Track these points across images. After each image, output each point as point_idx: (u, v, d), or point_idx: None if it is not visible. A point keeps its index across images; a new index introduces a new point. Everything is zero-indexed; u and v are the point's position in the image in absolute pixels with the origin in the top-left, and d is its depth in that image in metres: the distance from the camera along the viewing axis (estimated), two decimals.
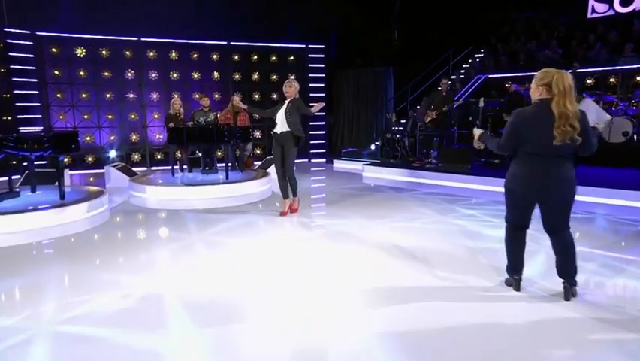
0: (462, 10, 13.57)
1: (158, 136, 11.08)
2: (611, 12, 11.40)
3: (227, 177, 7.43)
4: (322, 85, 11.97)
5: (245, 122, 8.26)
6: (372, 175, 8.90)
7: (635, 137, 7.73)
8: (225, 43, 11.40)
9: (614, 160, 7.67)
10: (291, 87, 5.22)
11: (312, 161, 11.66)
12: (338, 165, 10.63)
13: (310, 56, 11.88)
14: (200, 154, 8.09)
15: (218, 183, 7.10)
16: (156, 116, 11.05)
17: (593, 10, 11.75)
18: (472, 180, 7.40)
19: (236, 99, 8.08)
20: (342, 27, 12.25)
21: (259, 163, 9.50)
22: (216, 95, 11.42)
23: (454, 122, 8.86)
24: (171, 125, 7.62)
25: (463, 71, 13.12)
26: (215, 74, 11.38)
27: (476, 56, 14.02)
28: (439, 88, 8.78)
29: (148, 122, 10.97)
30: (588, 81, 9.77)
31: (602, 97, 8.42)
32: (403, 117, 12.35)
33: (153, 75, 10.90)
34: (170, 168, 8.06)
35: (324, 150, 11.99)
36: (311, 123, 11.80)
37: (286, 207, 5.56)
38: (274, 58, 11.76)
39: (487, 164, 8.27)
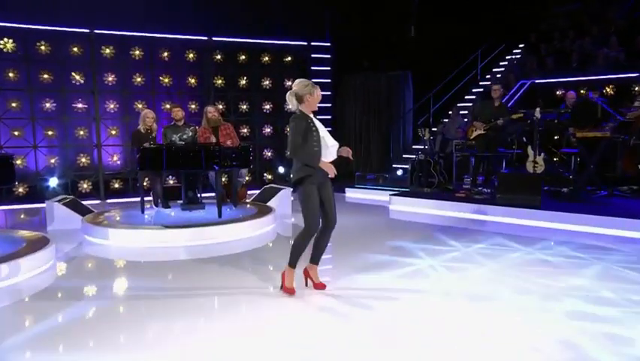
0: (490, 2, 13.12)
1: (114, 158, 10.04)
2: None
3: (219, 215, 6.47)
4: (329, 93, 11.23)
5: (233, 139, 7.37)
6: (403, 208, 8.14)
7: None
8: (205, 38, 10.59)
9: None
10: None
11: None
12: (352, 194, 9.84)
13: (313, 56, 11.17)
14: (172, 182, 7.13)
15: (209, 225, 6.12)
16: (113, 132, 10.03)
17: None
18: (541, 216, 6.67)
19: (211, 110, 7.25)
20: (346, 22, 11.55)
21: (254, 193, 8.55)
22: (192, 106, 10.55)
23: (513, 140, 8.14)
24: (147, 144, 6.66)
25: (499, 76, 12.56)
26: (192, 79, 10.50)
27: (507, 57, 13.58)
28: (492, 97, 8.05)
29: (102, 140, 9.92)
30: None
31: None
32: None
33: (110, 79, 9.94)
34: (139, 200, 7.06)
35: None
36: None
37: (314, 278, 4.23)
38: (267, 58, 11.06)
39: (556, 193, 7.53)
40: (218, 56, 10.74)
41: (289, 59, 11.17)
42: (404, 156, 11.65)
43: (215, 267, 4.99)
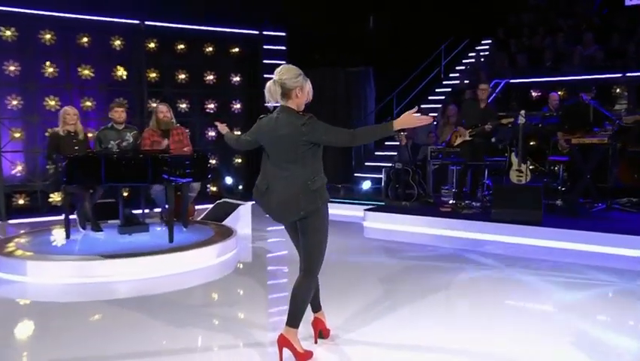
0: None
1: (18, 168, 8.97)
2: None
3: (171, 239, 5.78)
4: None
5: (186, 146, 6.75)
6: (379, 226, 7.81)
7: None
8: (137, 22, 9.75)
9: None
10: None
11: None
12: None
13: (266, 47, 10.62)
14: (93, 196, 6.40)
15: (159, 252, 5.42)
16: (17, 135, 8.96)
17: None
18: (542, 234, 6.52)
19: (162, 109, 6.63)
20: (303, 9, 11.12)
21: (202, 209, 7.87)
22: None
23: (504, 147, 8.00)
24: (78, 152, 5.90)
25: (467, 74, 12.60)
26: (119, 71, 9.61)
27: (470, 54, 13.71)
28: (477, 97, 7.87)
29: (2, 144, 8.82)
30: None
31: None
32: (389, 138, 11.44)
33: (11, 69, 8.91)
34: (63, 220, 6.25)
35: None
36: None
37: (325, 325, 3.67)
38: (210, 49, 10.43)
39: (549, 207, 7.44)
40: (152, 45, 9.95)
41: (237, 50, 10.57)
42: (367, 163, 11.35)
43: (170, 315, 4.30)
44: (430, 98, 12.55)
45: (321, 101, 11.77)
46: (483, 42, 13.83)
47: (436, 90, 12.76)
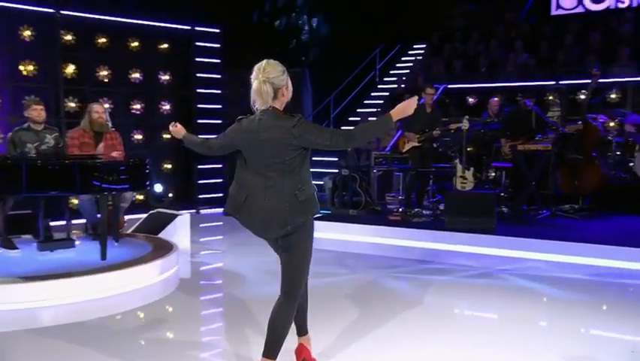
0: None
1: None
2: (581, 9, 12.15)
3: (103, 256, 5.17)
4: (218, 91, 10.13)
5: (119, 152, 6.17)
6: (328, 236, 7.48)
7: None
8: (51, 11, 8.87)
9: None
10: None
11: (203, 212, 9.60)
12: None
13: (199, 44, 10.00)
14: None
15: (88, 272, 4.80)
16: None
17: (559, 6, 12.39)
18: (495, 242, 6.49)
19: (98, 109, 6.07)
20: (238, 4, 10.65)
21: (132, 220, 7.22)
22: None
23: (455, 154, 7.94)
24: None
25: (405, 78, 12.61)
26: (30, 65, 8.68)
27: (403, 58, 13.79)
28: (422, 102, 7.77)
29: None
30: (581, 96, 9.88)
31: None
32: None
33: None
34: None
35: (221, 194, 10.06)
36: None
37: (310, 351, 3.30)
38: (136, 44, 9.73)
39: (500, 215, 7.45)
40: (69, 37, 9.08)
41: (166, 46, 9.92)
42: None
43: (104, 344, 3.78)
44: (365, 102, 12.45)
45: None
46: (417, 46, 13.96)
47: (372, 94, 12.69)
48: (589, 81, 8.74)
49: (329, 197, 8.33)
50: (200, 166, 9.82)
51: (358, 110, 12.20)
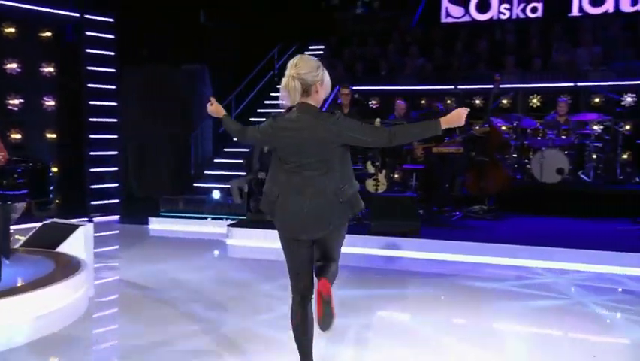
0: None
1: None
2: (467, 18, 12.71)
3: None
4: (112, 87, 9.19)
5: (3, 152, 5.24)
6: (247, 243, 7.09)
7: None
8: None
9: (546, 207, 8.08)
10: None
11: (96, 220, 8.63)
12: (159, 226, 8.24)
13: (89, 34, 8.98)
14: None
15: None
16: None
17: (448, 14, 12.88)
18: (419, 246, 6.48)
19: None
20: None
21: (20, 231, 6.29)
22: None
23: (375, 156, 7.81)
24: None
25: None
26: None
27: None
28: (341, 102, 7.60)
29: None
30: (477, 101, 10.31)
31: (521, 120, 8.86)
32: (228, 144, 10.75)
33: None
34: None
35: (117, 200, 9.15)
36: (92, 153, 8.83)
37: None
38: (12, 30, 8.47)
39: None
40: None
41: (49, 34, 8.76)
42: (207, 172, 10.42)
43: None
44: (266, 102, 12.08)
45: (154, 101, 10.56)
46: (313, 47, 13.85)
47: (271, 94, 12.34)
48: (488, 87, 9.19)
49: (245, 202, 7.82)
50: (92, 170, 8.81)
51: (259, 110, 11.81)
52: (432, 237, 6.55)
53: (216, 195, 8.65)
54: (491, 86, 8.41)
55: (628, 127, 8.97)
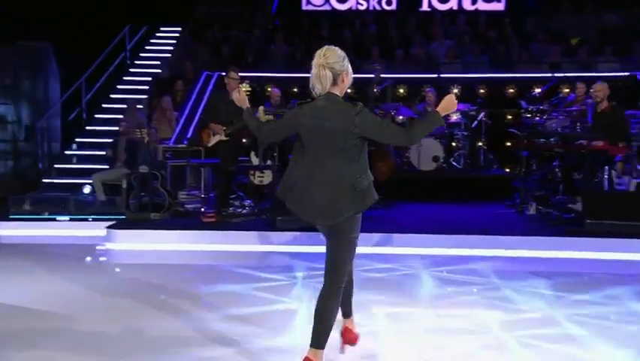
0: None
1: None
2: (327, 7, 12.76)
3: None
4: None
5: None
6: (131, 247, 6.17)
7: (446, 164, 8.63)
8: None
9: (424, 194, 8.37)
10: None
11: None
12: (9, 231, 6.89)
13: None
14: None
15: None
16: None
17: (309, 2, 12.78)
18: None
19: None
20: None
21: None
22: None
23: (273, 147, 7.27)
24: None
25: (169, 63, 11.40)
26: None
27: (156, 42, 12.60)
28: (228, 89, 6.92)
29: None
30: (348, 90, 10.25)
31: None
32: (82, 133, 9.47)
33: None
34: None
35: None
36: None
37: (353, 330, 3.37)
38: None
39: None
40: None
41: None
42: (56, 166, 8.99)
43: None
44: (119, 87, 10.83)
45: None
46: (166, 29, 12.83)
47: (125, 79, 11.12)
48: (364, 76, 9.18)
49: (124, 199, 6.80)
50: None
51: (112, 95, 10.57)
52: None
53: (87, 190, 7.48)
54: (372, 75, 8.38)
55: (482, 115, 9.53)
